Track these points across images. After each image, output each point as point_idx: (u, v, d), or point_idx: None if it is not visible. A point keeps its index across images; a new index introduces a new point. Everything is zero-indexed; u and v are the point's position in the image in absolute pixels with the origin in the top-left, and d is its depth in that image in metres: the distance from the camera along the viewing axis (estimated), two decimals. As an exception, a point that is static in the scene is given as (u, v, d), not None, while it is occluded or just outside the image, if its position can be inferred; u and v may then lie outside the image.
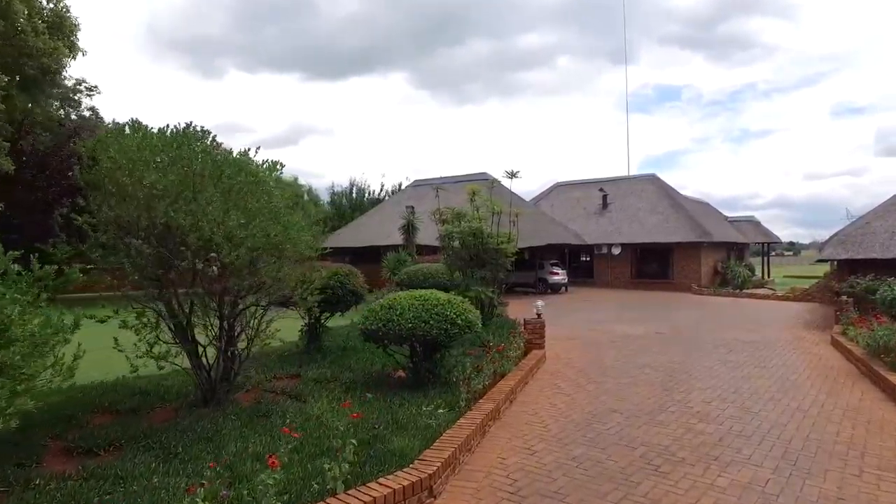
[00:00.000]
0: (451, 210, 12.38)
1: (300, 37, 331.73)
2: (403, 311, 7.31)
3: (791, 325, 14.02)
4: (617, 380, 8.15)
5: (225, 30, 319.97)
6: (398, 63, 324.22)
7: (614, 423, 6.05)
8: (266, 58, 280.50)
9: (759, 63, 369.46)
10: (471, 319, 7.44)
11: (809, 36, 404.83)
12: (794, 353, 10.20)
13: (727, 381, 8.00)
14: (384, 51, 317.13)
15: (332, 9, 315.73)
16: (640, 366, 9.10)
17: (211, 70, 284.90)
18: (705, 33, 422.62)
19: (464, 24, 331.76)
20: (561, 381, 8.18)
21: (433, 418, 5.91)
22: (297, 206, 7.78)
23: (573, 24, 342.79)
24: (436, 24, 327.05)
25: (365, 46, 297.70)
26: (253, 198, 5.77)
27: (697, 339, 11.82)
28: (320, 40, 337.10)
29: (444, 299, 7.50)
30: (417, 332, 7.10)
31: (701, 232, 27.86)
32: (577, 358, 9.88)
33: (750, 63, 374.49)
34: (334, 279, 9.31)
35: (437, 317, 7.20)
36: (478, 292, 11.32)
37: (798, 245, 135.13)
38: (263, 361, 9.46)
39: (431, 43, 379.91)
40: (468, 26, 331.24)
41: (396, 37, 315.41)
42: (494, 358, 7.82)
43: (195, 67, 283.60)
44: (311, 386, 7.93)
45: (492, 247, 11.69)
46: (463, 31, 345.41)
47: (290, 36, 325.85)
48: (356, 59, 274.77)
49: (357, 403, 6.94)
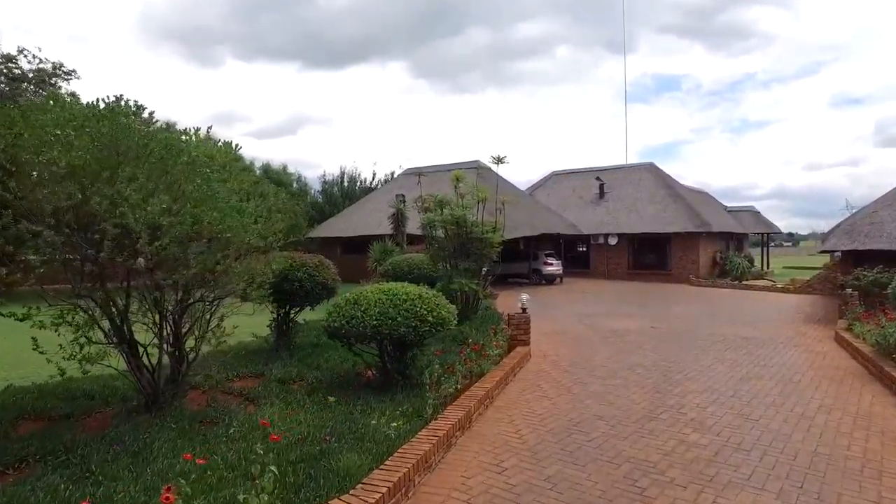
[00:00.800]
0: (433, 197, 11.67)
1: (298, 26, 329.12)
2: (369, 306, 6.66)
3: (792, 320, 13.39)
4: (605, 381, 7.51)
5: (221, 18, 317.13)
6: (396, 53, 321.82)
7: (598, 434, 5.40)
8: (263, 47, 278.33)
9: (758, 52, 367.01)
10: (443, 316, 6.78)
11: (808, 25, 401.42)
12: (795, 350, 9.56)
13: (725, 382, 7.37)
14: (382, 40, 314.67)
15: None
16: (632, 365, 8.45)
17: (208, 59, 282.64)
18: (704, 22, 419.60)
19: (462, 13, 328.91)
20: (545, 381, 7.53)
21: (394, 428, 5.27)
22: (255, 193, 7.12)
23: (571, 13, 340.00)
24: (434, 14, 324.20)
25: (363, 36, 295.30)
26: (187, 181, 5.07)
27: (694, 335, 11.18)
28: (318, 29, 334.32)
29: (415, 294, 6.84)
30: (383, 330, 6.45)
31: (699, 222, 27.19)
32: (565, 355, 9.24)
33: (749, 52, 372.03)
34: (302, 271, 8.63)
35: (406, 313, 6.55)
36: (461, 284, 10.65)
37: (797, 236, 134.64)
38: (227, 359, 8.84)
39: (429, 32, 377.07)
40: (466, 15, 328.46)
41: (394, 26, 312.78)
42: (469, 357, 7.17)
43: (192, 56, 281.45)
44: (273, 387, 7.31)
45: (476, 236, 11.00)
46: (461, 20, 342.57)
47: (287, 25, 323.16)
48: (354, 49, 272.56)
49: (317, 408, 6.32)
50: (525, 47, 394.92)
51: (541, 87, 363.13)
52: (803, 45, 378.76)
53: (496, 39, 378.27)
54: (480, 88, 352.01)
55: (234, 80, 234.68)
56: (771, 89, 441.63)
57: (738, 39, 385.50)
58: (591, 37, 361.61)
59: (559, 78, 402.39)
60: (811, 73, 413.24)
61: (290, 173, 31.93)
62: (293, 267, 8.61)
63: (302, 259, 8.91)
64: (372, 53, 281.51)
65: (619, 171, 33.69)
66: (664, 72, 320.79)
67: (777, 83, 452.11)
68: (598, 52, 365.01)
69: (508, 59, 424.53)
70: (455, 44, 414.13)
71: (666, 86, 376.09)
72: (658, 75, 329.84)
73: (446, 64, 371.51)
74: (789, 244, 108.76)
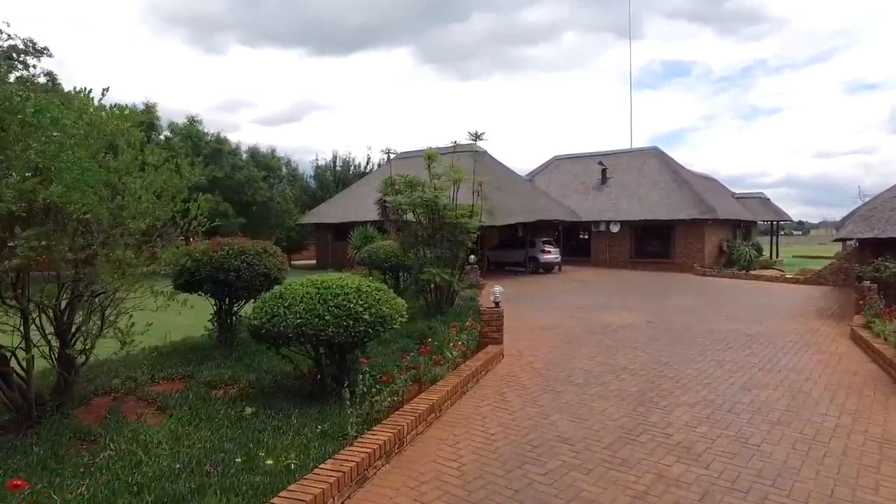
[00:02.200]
0: (403, 178, 10.54)
1: (303, 12, 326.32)
2: (294, 302, 5.59)
3: (802, 314, 12.20)
4: (582, 389, 6.42)
5: (226, 3, 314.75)
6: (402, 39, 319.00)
7: (557, 464, 4.32)
8: (269, 33, 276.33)
9: (769, 38, 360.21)
10: (385, 313, 5.69)
11: (822, 10, 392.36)
12: (806, 350, 8.41)
13: (722, 391, 6.25)
14: (388, 26, 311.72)
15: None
16: (617, 368, 7.35)
17: (212, 46, 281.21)
18: (714, 7, 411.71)
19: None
20: (511, 389, 6.45)
21: (301, 455, 4.22)
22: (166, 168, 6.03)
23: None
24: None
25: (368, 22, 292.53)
26: (19, 145, 3.97)
27: (692, 331, 10.04)
28: (323, 15, 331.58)
29: (352, 287, 5.75)
30: (307, 331, 5.38)
31: (705, 208, 25.87)
32: (544, 356, 8.14)
33: (759, 38, 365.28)
34: (239, 260, 7.56)
35: (337, 310, 5.47)
36: (432, 274, 9.55)
37: (807, 224, 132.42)
38: (159, 358, 7.83)
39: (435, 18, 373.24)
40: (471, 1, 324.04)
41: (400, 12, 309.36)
42: (416, 362, 6.09)
43: (196, 43, 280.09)
44: (195, 393, 6.29)
45: (449, 221, 9.86)
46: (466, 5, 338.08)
47: (292, 11, 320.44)
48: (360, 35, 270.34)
49: (228, 422, 5.28)
50: (531, 33, 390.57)
51: (547, 73, 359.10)
52: (816, 30, 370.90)
53: (501, 25, 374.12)
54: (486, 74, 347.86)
55: (239, 67, 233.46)
56: (782, 75, 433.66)
57: (748, 24, 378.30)
58: (599, 22, 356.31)
59: (566, 64, 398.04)
60: (824, 59, 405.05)
61: (279, 157, 30.87)
62: (229, 255, 7.54)
63: (241, 245, 7.83)
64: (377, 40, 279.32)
65: (623, 155, 32.32)
66: (673, 57, 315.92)
67: (789, 69, 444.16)
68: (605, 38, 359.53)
69: (514, 46, 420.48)
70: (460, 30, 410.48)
71: (675, 71, 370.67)
72: (667, 61, 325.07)
73: (452, 50, 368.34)
74: (799, 233, 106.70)
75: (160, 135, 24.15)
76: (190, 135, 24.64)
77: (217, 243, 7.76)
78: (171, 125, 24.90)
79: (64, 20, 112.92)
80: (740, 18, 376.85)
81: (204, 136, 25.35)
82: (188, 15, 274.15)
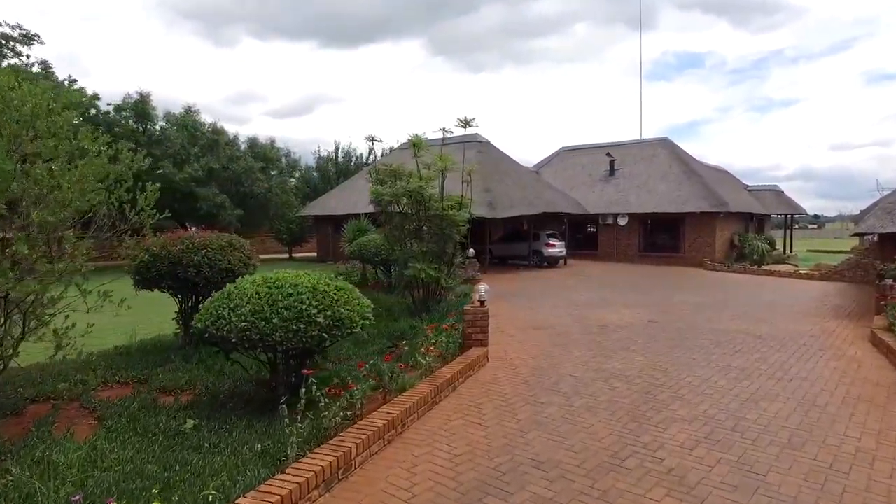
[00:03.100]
0: (387, 167, 9.90)
1: (312, 4, 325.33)
2: (240, 303, 4.99)
3: (817, 313, 11.42)
4: (569, 400, 5.77)
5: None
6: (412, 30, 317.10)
7: (525, 498, 3.68)
8: (279, 26, 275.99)
9: (785, 28, 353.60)
10: (342, 316, 5.07)
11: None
12: (821, 355, 7.69)
13: (725, 404, 5.57)
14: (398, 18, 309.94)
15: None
16: (610, 375, 6.69)
17: (223, 39, 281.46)
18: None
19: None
20: (490, 399, 5.82)
21: (227, 483, 3.63)
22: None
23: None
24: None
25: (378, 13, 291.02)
26: None
27: (697, 331, 9.33)
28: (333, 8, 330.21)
29: (307, 286, 5.14)
30: (252, 335, 4.77)
31: (716, 201, 24.97)
32: (532, 359, 7.50)
33: (775, 28, 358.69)
34: (200, 255, 6.97)
35: (286, 312, 4.86)
36: (417, 270, 8.92)
37: (823, 218, 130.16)
38: (117, 359, 7.31)
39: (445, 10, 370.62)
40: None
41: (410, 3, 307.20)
42: (375, 370, 5.47)
43: (207, 36, 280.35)
44: (146, 398, 5.76)
45: (435, 213, 9.21)
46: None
47: (301, 3, 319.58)
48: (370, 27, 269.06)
49: (161, 438, 4.70)
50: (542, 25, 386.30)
51: (558, 65, 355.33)
52: (834, 20, 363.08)
53: (512, 17, 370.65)
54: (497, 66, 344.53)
55: (249, 60, 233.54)
56: (798, 66, 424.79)
57: (764, 14, 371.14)
58: (611, 13, 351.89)
59: (577, 56, 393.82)
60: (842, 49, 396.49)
61: (279, 148, 30.25)
62: (188, 249, 6.96)
63: (204, 239, 7.25)
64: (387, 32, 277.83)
65: (632, 146, 31.41)
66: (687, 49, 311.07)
67: (805, 60, 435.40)
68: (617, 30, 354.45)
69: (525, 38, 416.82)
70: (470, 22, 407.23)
71: (688, 63, 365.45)
72: (680, 53, 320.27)
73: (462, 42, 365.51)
74: (814, 226, 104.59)
75: (155, 125, 23.69)
76: (186, 125, 24.14)
77: (177, 236, 7.19)
78: (166, 115, 24.45)
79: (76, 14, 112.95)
80: (755, 9, 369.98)
81: (201, 127, 24.84)
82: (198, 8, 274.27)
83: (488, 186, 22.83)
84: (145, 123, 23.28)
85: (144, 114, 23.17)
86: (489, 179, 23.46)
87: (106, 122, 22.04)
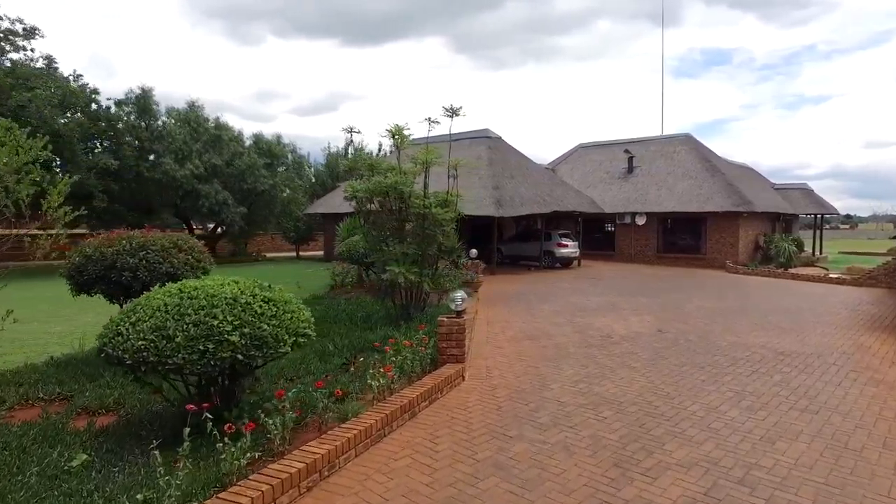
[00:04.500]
0: (365, 161, 9.04)
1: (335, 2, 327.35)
2: (142, 317, 4.18)
3: (849, 324, 10.23)
4: (545, 434, 4.83)
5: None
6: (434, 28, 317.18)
7: (453, 585, 2.78)
8: (302, 24, 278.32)
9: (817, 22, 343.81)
10: (265, 334, 4.22)
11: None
12: (854, 378, 6.60)
13: (734, 445, 4.57)
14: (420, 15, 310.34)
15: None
16: (600, 401, 5.72)
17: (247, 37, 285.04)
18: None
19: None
20: (451, 431, 4.91)
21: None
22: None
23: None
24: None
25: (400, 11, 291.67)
26: None
27: (710, 345, 8.28)
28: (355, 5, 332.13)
29: (227, 296, 4.31)
30: (148, 358, 3.96)
31: (739, 200, 23.60)
32: (515, 378, 6.57)
33: (805, 23, 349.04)
34: (138, 257, 6.21)
35: (194, 328, 4.03)
36: (395, 273, 8.04)
37: (855, 218, 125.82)
38: (49, 372, 6.58)
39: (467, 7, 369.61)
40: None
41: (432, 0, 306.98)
42: (302, 397, 4.61)
43: (232, 35, 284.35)
44: (54, 422, 5.01)
45: (416, 211, 8.31)
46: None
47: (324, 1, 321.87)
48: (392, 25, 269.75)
49: (41, 480, 3.91)
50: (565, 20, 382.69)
51: (581, 62, 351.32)
52: (869, 12, 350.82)
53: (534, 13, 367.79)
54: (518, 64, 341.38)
55: (273, 59, 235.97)
56: (832, 61, 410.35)
57: (794, 8, 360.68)
58: (634, 9, 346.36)
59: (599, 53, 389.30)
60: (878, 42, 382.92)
61: (285, 144, 29.60)
62: (124, 251, 6.20)
63: (145, 238, 6.48)
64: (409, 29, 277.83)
65: (652, 143, 30.09)
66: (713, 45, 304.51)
67: (839, 54, 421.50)
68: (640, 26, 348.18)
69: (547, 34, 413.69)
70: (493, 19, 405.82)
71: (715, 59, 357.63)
72: (707, 49, 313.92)
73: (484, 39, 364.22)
74: (846, 227, 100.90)
75: (157, 120, 23.25)
76: (188, 120, 23.66)
77: (115, 236, 6.45)
78: (168, 110, 24.03)
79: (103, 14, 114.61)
80: (785, 2, 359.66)
81: (204, 122, 24.34)
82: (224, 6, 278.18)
83: (497, 184, 21.87)
84: (147, 119, 22.85)
85: (147, 109, 22.74)
86: (499, 176, 22.50)
87: (107, 118, 21.70)
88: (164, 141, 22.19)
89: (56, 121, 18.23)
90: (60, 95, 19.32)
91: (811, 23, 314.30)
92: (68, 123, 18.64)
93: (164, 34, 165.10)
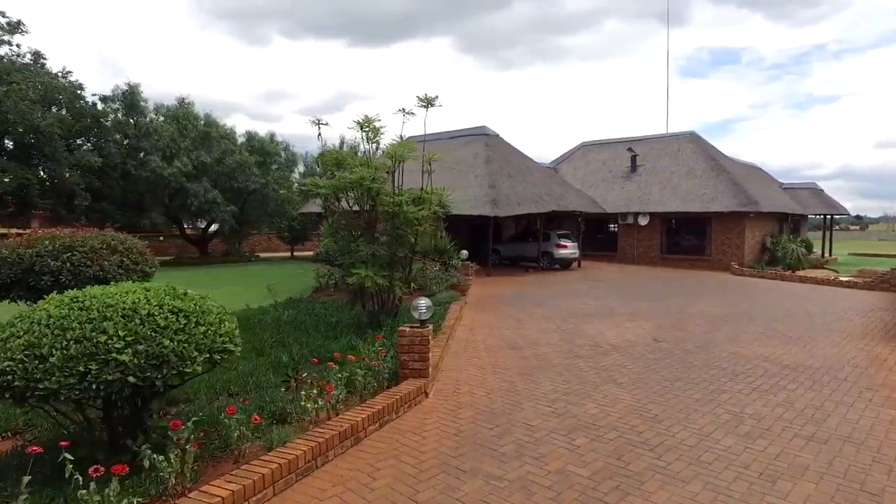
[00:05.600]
0: (332, 155, 8.38)
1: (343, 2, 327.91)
2: (13, 333, 3.51)
3: (861, 332, 9.45)
4: (504, 467, 4.13)
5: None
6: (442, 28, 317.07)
7: None
8: (310, 25, 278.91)
9: (827, 21, 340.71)
10: (163, 352, 3.54)
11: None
12: (869, 398, 5.86)
13: (727, 484, 3.86)
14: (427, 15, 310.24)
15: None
16: (576, 425, 5.02)
17: (255, 38, 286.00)
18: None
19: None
20: (396, 461, 4.22)
21: None
22: None
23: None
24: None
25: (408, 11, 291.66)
26: None
27: (709, 357, 7.55)
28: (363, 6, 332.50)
29: (125, 306, 3.63)
30: (15, 383, 3.29)
31: (745, 199, 22.79)
32: (485, 395, 5.87)
33: (815, 22, 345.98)
34: (60, 259, 5.56)
35: (75, 346, 3.36)
36: (361, 277, 7.37)
37: (866, 219, 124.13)
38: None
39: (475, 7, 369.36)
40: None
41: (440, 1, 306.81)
42: (205, 427, 3.93)
43: (240, 35, 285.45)
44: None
45: (388, 210, 7.63)
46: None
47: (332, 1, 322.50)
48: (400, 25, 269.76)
49: None
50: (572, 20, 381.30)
51: (588, 62, 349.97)
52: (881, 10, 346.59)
53: (542, 13, 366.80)
54: (526, 64, 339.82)
55: (281, 59, 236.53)
56: (842, 60, 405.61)
57: (804, 6, 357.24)
58: (641, 8, 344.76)
59: (607, 52, 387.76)
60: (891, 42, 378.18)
61: (278, 143, 28.96)
62: (45, 253, 5.56)
63: (73, 239, 5.84)
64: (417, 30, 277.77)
65: (656, 141, 29.28)
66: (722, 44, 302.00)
67: (849, 54, 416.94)
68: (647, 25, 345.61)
69: (555, 34, 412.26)
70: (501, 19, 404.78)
71: (723, 59, 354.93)
72: (715, 49, 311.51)
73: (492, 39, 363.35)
74: (856, 228, 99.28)
75: (146, 117, 22.71)
76: (177, 117, 23.10)
77: (36, 235, 5.81)
78: (157, 107, 23.47)
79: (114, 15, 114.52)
80: (795, 1, 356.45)
81: (193, 119, 23.77)
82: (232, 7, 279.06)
83: (494, 182, 21.16)
84: (135, 116, 22.31)
85: (134, 105, 22.20)
86: (496, 175, 21.79)
87: (93, 115, 21.18)
88: (151, 138, 21.64)
89: (35, 116, 17.70)
90: (42, 90, 18.81)
91: (821, 22, 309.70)
92: (47, 118, 18.09)
93: (172, 35, 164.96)
